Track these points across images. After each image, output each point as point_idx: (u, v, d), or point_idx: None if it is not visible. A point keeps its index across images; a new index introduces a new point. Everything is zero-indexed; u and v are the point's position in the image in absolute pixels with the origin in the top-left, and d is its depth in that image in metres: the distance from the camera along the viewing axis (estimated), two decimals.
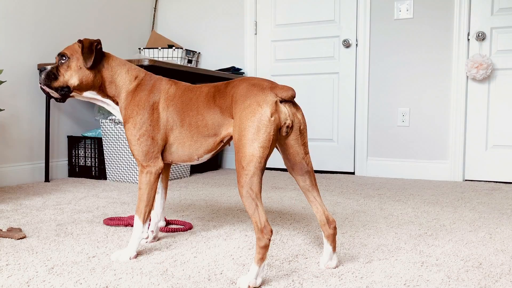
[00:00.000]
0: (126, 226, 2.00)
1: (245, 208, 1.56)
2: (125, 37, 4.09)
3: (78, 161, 3.51)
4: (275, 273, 1.44)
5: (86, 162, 3.48)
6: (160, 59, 3.84)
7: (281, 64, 4.06)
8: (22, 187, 3.03)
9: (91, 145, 3.46)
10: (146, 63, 2.90)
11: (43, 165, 3.33)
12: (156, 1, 4.47)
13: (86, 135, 3.51)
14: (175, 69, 3.18)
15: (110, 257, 1.58)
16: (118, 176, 3.31)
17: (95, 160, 3.45)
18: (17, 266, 1.49)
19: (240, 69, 4.11)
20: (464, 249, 1.71)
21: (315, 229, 1.97)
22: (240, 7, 4.18)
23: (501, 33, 3.37)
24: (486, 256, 1.62)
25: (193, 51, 4.14)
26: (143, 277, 1.39)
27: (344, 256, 1.61)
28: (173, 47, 3.90)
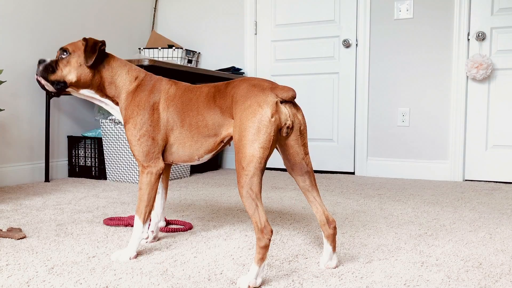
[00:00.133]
0: (126, 226, 2.00)
1: (245, 208, 1.56)
2: (125, 37, 4.09)
3: (78, 161, 3.51)
4: (275, 273, 1.44)
5: (86, 162, 3.48)
6: (160, 59, 3.84)
7: (281, 64, 4.07)
8: (22, 187, 3.03)
9: (91, 145, 3.46)
10: (146, 63, 2.90)
11: (43, 165, 3.33)
12: (156, 1, 4.47)
13: (86, 135, 3.51)
14: (175, 69, 3.18)
15: (110, 257, 1.58)
16: (118, 176, 3.31)
17: (95, 160, 3.45)
18: (17, 266, 1.49)
19: (240, 69, 4.11)
20: (464, 249, 1.71)
21: (315, 229, 1.97)
22: (240, 7, 4.18)
23: (501, 33, 3.37)
24: (486, 256, 1.62)
25: (193, 51, 4.14)
26: (143, 277, 1.39)
27: (344, 256, 1.61)
28: (173, 47, 3.90)
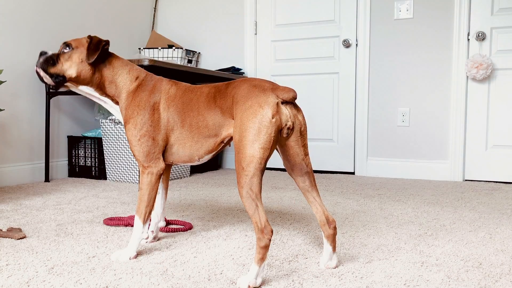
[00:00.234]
0: (126, 226, 2.00)
1: (245, 209, 1.56)
2: (125, 37, 4.09)
3: (78, 161, 3.51)
4: (275, 273, 1.44)
5: (86, 162, 3.48)
6: (160, 59, 3.84)
7: (281, 64, 4.06)
8: (22, 187, 3.03)
9: (91, 145, 3.46)
10: (146, 63, 2.90)
11: (43, 165, 3.33)
12: (156, 1, 4.47)
13: (86, 135, 3.51)
14: (175, 69, 3.18)
15: (110, 257, 1.58)
16: (118, 176, 3.31)
17: (95, 160, 3.45)
18: (17, 266, 1.49)
19: (240, 69, 4.11)
20: (464, 249, 1.71)
21: (315, 229, 1.97)
22: (240, 7, 4.18)
23: (501, 33, 3.37)
24: (486, 256, 1.62)
25: (193, 51, 4.14)
26: (143, 277, 1.39)
27: (344, 256, 1.61)
28: (173, 47, 3.90)
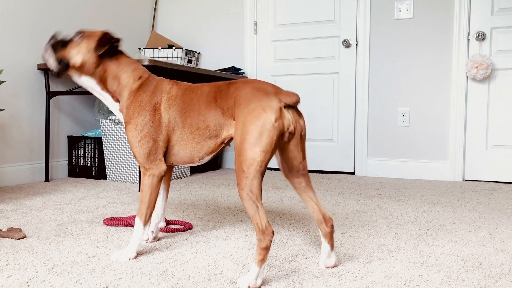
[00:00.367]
0: (126, 226, 2.00)
1: (245, 210, 1.56)
2: (125, 37, 4.09)
3: (78, 161, 3.51)
4: (275, 273, 1.44)
5: (86, 162, 3.48)
6: (160, 59, 3.84)
7: (281, 64, 4.06)
8: (22, 187, 3.03)
9: (91, 145, 3.46)
10: (146, 63, 2.90)
11: (43, 165, 3.33)
12: (156, 1, 4.47)
13: (86, 135, 3.51)
14: (175, 69, 3.18)
15: (110, 257, 1.58)
16: (118, 176, 3.31)
17: (95, 160, 3.45)
18: (17, 266, 1.49)
19: (240, 69, 4.11)
20: (464, 249, 1.71)
21: (315, 229, 1.97)
22: (240, 7, 4.18)
23: (501, 33, 3.37)
24: (486, 256, 1.62)
25: (193, 51, 4.14)
26: (143, 277, 1.39)
27: (344, 256, 1.61)
28: (173, 47, 3.90)
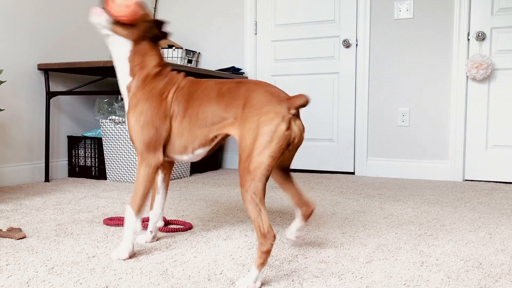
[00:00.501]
0: None
1: (247, 213, 1.55)
2: None
3: (78, 161, 3.51)
4: (275, 273, 1.44)
5: (86, 162, 3.48)
6: None
7: (281, 64, 4.06)
8: (22, 187, 3.03)
9: (91, 145, 3.46)
10: None
11: (43, 165, 3.33)
12: (156, 1, 4.47)
13: (86, 135, 3.51)
14: (175, 69, 3.18)
15: (110, 256, 1.57)
16: (118, 176, 3.31)
17: (95, 160, 3.45)
18: (17, 266, 1.49)
19: (240, 69, 4.11)
20: (464, 249, 1.71)
21: (315, 229, 1.97)
22: (240, 7, 4.18)
23: (501, 33, 3.37)
24: (486, 256, 1.62)
25: (193, 51, 4.14)
26: (143, 277, 1.39)
27: (344, 256, 1.61)
28: (173, 47, 3.90)
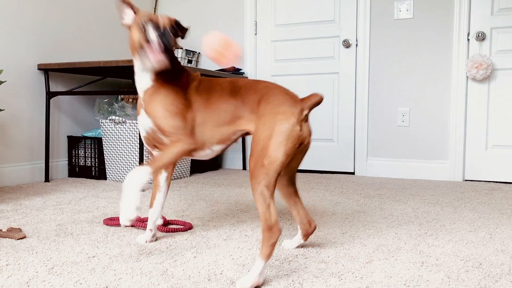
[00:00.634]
0: (126, 226, 2.00)
1: (255, 205, 1.57)
2: (125, 37, 4.09)
3: (78, 161, 3.51)
4: (275, 273, 1.44)
5: (86, 162, 3.48)
6: None
7: (281, 64, 4.06)
8: (22, 187, 3.03)
9: (91, 145, 3.46)
10: None
11: (43, 165, 3.33)
12: (156, 1, 4.47)
13: (86, 135, 3.51)
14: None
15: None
16: (118, 176, 3.31)
17: (95, 160, 3.45)
18: (17, 266, 1.49)
19: (240, 69, 4.11)
20: (464, 249, 1.71)
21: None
22: (240, 7, 4.18)
23: (501, 33, 3.37)
24: (486, 256, 1.62)
25: (193, 51, 4.14)
26: (143, 277, 1.39)
27: (344, 256, 1.61)
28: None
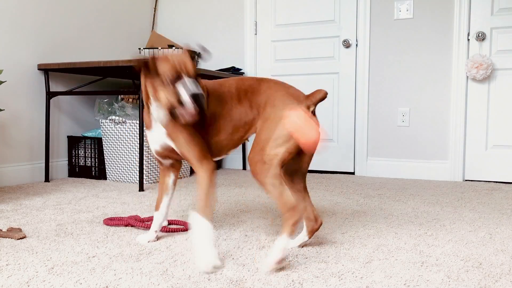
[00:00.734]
0: (126, 226, 2.00)
1: (269, 195, 1.63)
2: (125, 37, 4.09)
3: (78, 161, 3.51)
4: (275, 273, 1.44)
5: (86, 162, 3.48)
6: None
7: (281, 64, 4.06)
8: (22, 187, 3.03)
9: (91, 145, 3.46)
10: None
11: (43, 165, 3.32)
12: (156, 1, 4.47)
13: (86, 135, 3.51)
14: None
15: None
16: (118, 176, 3.31)
17: (95, 160, 3.45)
18: (17, 266, 1.49)
19: (240, 69, 4.11)
20: (464, 249, 1.71)
21: None
22: (240, 7, 4.18)
23: (501, 33, 3.37)
24: (486, 256, 1.62)
25: (193, 51, 4.14)
26: (143, 277, 1.39)
27: (344, 256, 1.61)
28: (173, 47, 3.90)
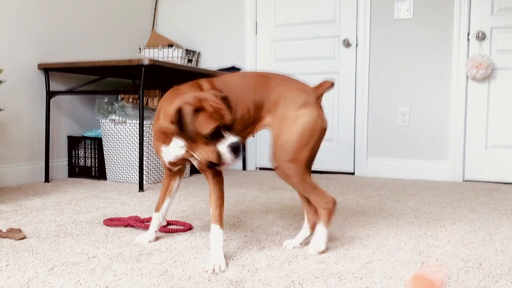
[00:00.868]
0: (126, 226, 2.00)
1: (303, 193, 1.65)
2: (125, 37, 4.09)
3: (78, 161, 3.51)
4: (275, 273, 1.44)
5: (86, 162, 3.48)
6: (160, 59, 3.84)
7: (281, 64, 4.06)
8: (22, 187, 3.03)
9: (91, 145, 3.46)
10: (146, 62, 2.90)
11: (43, 165, 3.32)
12: (156, 1, 4.47)
13: (86, 135, 3.51)
14: (175, 69, 3.17)
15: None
16: (118, 176, 3.31)
17: (95, 160, 3.45)
18: (17, 266, 1.49)
19: (240, 69, 4.11)
20: (464, 249, 1.71)
21: None
22: (240, 7, 4.18)
23: (501, 33, 3.37)
24: (486, 257, 1.62)
25: (193, 51, 4.14)
26: (143, 278, 1.39)
27: (344, 257, 1.61)
28: (173, 47, 3.90)
